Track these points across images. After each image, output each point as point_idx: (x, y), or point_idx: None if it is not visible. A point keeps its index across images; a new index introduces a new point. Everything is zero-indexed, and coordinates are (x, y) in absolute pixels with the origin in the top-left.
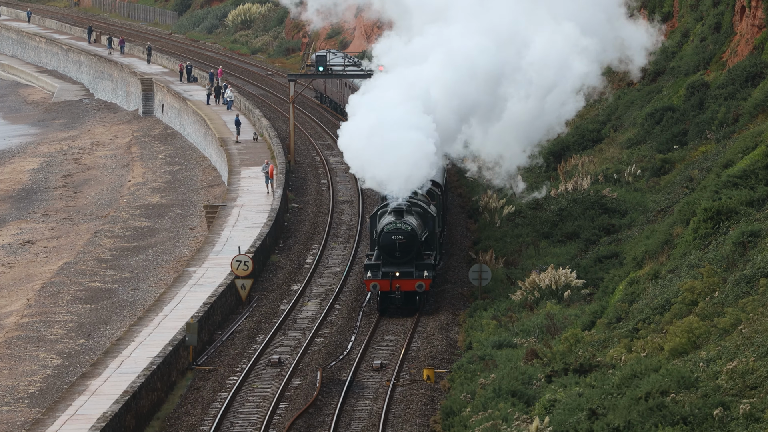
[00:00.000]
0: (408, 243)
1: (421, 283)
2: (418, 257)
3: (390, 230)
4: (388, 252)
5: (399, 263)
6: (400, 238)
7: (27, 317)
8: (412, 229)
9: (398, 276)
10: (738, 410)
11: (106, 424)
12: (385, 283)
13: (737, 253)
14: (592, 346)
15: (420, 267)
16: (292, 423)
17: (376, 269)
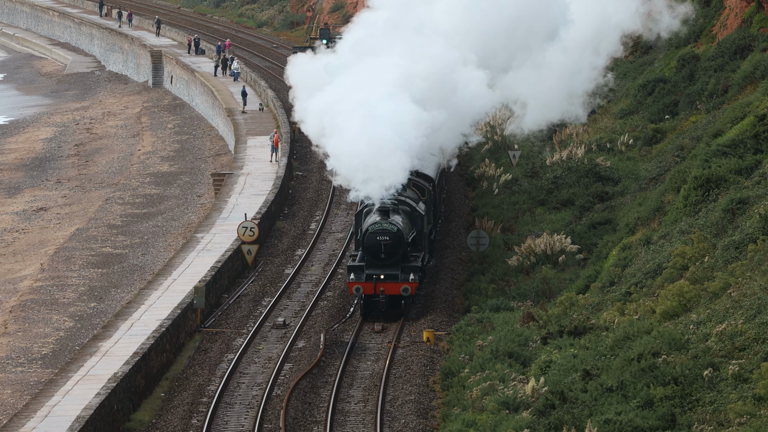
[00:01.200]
0: (394, 244)
1: (407, 286)
2: (404, 259)
3: (375, 230)
4: (372, 253)
5: (384, 265)
6: (386, 239)
7: (40, 281)
8: (398, 230)
9: (383, 279)
10: (727, 371)
11: (116, 384)
12: (369, 286)
13: (726, 220)
14: (586, 309)
15: (406, 269)
16: (297, 383)
17: (360, 271)
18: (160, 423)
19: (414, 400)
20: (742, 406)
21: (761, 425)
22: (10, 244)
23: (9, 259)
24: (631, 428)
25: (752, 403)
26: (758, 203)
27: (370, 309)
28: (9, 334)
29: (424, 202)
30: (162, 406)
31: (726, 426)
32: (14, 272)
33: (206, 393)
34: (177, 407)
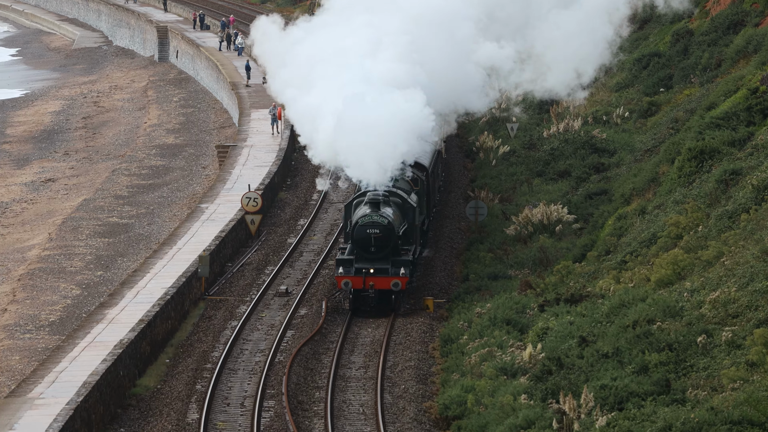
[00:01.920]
0: (384, 237)
1: (398, 281)
2: (395, 253)
3: (365, 223)
4: (362, 246)
5: (374, 259)
6: (376, 231)
7: (48, 250)
8: (389, 223)
9: (372, 273)
10: (720, 338)
11: (122, 351)
12: (358, 281)
13: (720, 190)
14: (583, 277)
15: (396, 264)
16: (299, 349)
17: (349, 265)
18: (165, 388)
19: (414, 366)
20: (735, 371)
21: (754, 390)
22: (19, 214)
23: (18, 228)
24: (627, 393)
25: (745, 368)
26: (751, 174)
27: (359, 304)
28: (17, 301)
29: (417, 193)
30: (167, 372)
31: (719, 391)
32: (23, 241)
33: (210, 359)
34: (181, 373)
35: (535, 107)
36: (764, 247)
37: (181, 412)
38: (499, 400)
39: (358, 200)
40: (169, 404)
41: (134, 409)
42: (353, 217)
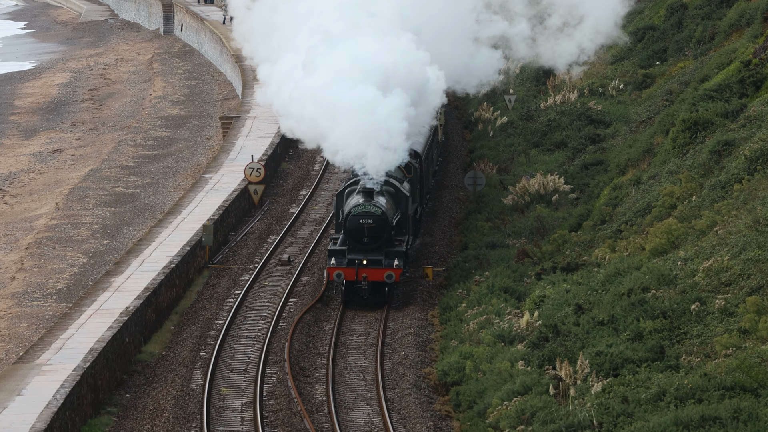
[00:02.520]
0: (378, 228)
1: (391, 273)
2: (389, 243)
3: (358, 213)
4: (355, 237)
5: (367, 250)
6: (369, 222)
7: (56, 219)
8: (382, 213)
9: (365, 264)
10: (713, 305)
11: (128, 318)
12: (351, 272)
13: (713, 161)
14: (579, 246)
15: (390, 255)
16: (301, 317)
17: (341, 256)
18: (170, 355)
19: (413, 333)
20: (728, 338)
21: (746, 357)
22: (27, 184)
23: (26, 198)
24: (622, 360)
25: (738, 335)
26: (743, 145)
27: (352, 295)
28: (25, 270)
29: (410, 181)
30: (172, 339)
31: (712, 358)
32: (30, 211)
33: (214, 326)
34: (186, 340)
35: (532, 79)
36: (756, 217)
37: (185, 378)
38: (496, 367)
39: (350, 189)
40: (174, 370)
41: (140, 375)
42: (345, 207)
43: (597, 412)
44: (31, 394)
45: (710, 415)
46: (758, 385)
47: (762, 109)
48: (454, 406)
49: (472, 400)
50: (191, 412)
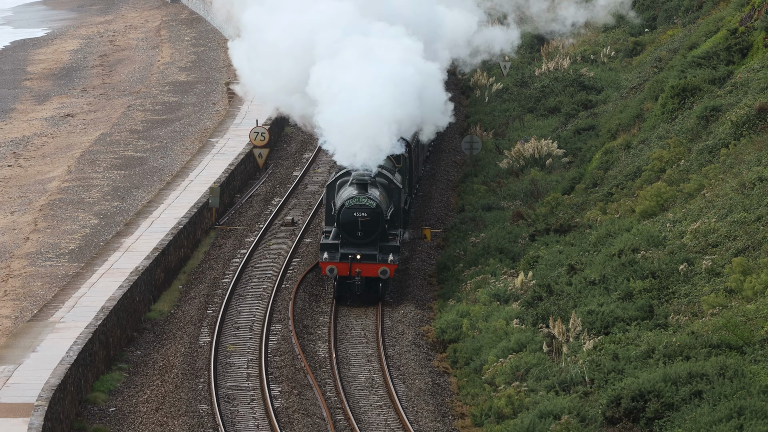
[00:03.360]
0: (372, 221)
1: (386, 268)
2: (383, 238)
3: (352, 206)
4: (348, 231)
5: (360, 244)
6: (363, 215)
7: (68, 182)
8: (377, 206)
9: (359, 259)
10: (701, 266)
11: (138, 278)
12: (344, 267)
13: (700, 126)
14: (571, 208)
15: (384, 250)
16: (304, 276)
17: (334, 250)
18: (178, 313)
19: (412, 292)
20: (715, 298)
21: (732, 316)
22: (40, 147)
23: (39, 161)
24: (612, 318)
25: (724, 295)
26: (730, 111)
27: (345, 291)
28: (39, 230)
29: (400, 171)
30: (180, 298)
31: (699, 316)
32: (43, 174)
33: (221, 285)
34: (194, 299)
35: (526, 46)
36: (742, 180)
37: (193, 335)
38: (492, 325)
39: (342, 180)
40: (182, 328)
41: (149, 332)
42: (338, 199)
43: (588, 369)
44: (45, 351)
45: (697, 371)
46: (743, 343)
47: (748, 76)
48: (452, 362)
49: (469, 357)
50: (199, 368)
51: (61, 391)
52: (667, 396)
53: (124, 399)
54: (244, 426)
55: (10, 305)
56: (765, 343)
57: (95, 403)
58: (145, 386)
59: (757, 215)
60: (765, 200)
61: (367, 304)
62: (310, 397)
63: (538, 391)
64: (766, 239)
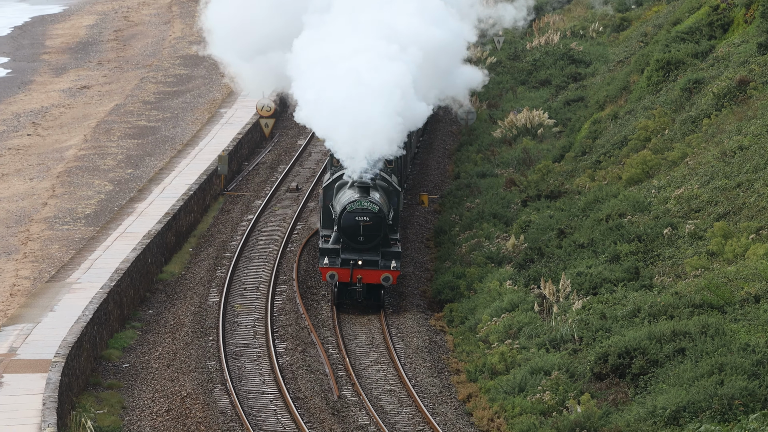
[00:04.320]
0: (374, 226)
1: (388, 275)
2: (384, 243)
3: (353, 210)
4: (349, 235)
5: (362, 249)
6: (365, 219)
7: (84, 150)
8: (379, 210)
9: (361, 265)
10: (684, 230)
11: (150, 241)
12: (345, 273)
13: (684, 97)
14: (561, 175)
15: (387, 255)
16: (308, 240)
17: (335, 255)
18: (189, 274)
19: (410, 255)
20: (697, 260)
21: (713, 277)
22: (58, 117)
23: (56, 131)
24: (600, 279)
25: (706, 257)
26: (712, 83)
27: (345, 297)
28: (57, 196)
29: (392, 171)
30: (190, 260)
31: (683, 278)
32: (61, 142)
33: (229, 248)
34: (203, 261)
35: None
36: (723, 149)
37: (203, 295)
38: (486, 286)
39: (342, 182)
40: (192, 288)
41: (161, 292)
42: (337, 202)
43: (577, 327)
44: (63, 310)
45: (680, 330)
46: (724, 302)
47: (729, 50)
48: (448, 321)
49: (464, 316)
50: (208, 326)
51: (78, 348)
52: (652, 353)
53: (137, 356)
54: (251, 381)
55: (29, 267)
56: (745, 303)
57: (110, 360)
58: (157, 344)
59: (737, 182)
60: (745, 168)
61: (368, 311)
62: (314, 354)
63: (529, 349)
64: (746, 205)
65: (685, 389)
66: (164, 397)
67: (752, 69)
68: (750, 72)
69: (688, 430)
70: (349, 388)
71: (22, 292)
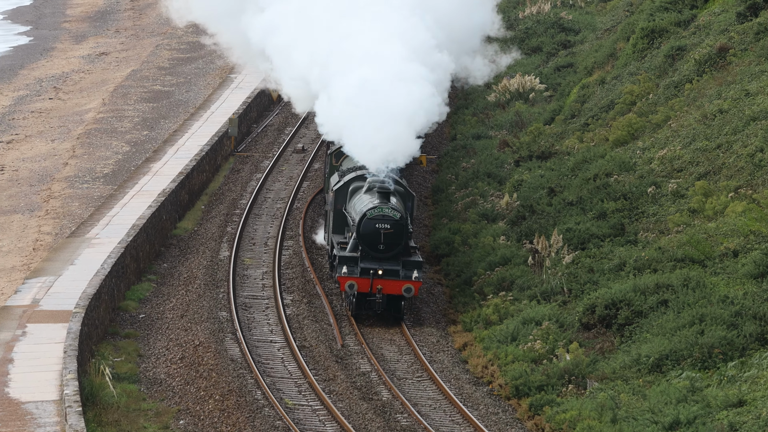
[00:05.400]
0: (395, 234)
1: (410, 286)
2: (405, 252)
3: (374, 216)
4: (369, 243)
5: (382, 258)
6: (386, 227)
7: (102, 113)
8: (401, 217)
9: (381, 275)
10: (667, 188)
11: (165, 198)
12: (365, 283)
13: (667, 64)
14: (552, 137)
15: (408, 265)
16: (313, 198)
17: (353, 264)
18: (201, 230)
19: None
20: (679, 217)
21: (694, 233)
22: (78, 82)
23: (76, 95)
24: (588, 235)
25: (687, 214)
26: (693, 50)
27: (364, 308)
28: (77, 156)
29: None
30: (202, 217)
31: (666, 233)
32: (81, 106)
33: (239, 206)
34: (215, 217)
35: None
36: (704, 112)
37: (214, 250)
38: (481, 241)
39: (357, 185)
40: (205, 243)
41: (175, 247)
42: (352, 206)
43: (567, 280)
44: (83, 264)
45: (663, 282)
46: (704, 257)
47: (710, 19)
48: (444, 275)
49: (460, 269)
50: (219, 279)
51: (97, 299)
52: (637, 304)
53: (152, 307)
54: (260, 331)
55: (51, 223)
56: (724, 257)
57: (127, 311)
58: (171, 295)
59: (717, 143)
60: (724, 130)
61: (387, 324)
62: (319, 305)
63: (521, 300)
64: (725, 165)
65: (667, 338)
66: (178, 345)
67: (732, 37)
68: (729, 39)
69: (670, 376)
70: (352, 338)
71: (44, 246)
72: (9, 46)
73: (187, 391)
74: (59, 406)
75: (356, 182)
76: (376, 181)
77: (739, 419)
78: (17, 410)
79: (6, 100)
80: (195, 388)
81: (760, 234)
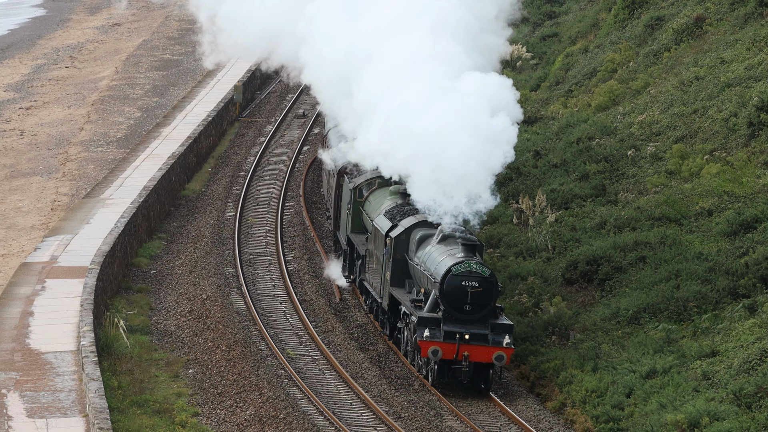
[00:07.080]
0: (484, 293)
1: (502, 353)
2: (492, 314)
3: (460, 272)
4: (453, 303)
5: (467, 321)
6: (474, 285)
7: (115, 81)
8: (491, 274)
9: (468, 340)
10: (646, 151)
11: (174, 161)
12: (450, 349)
13: (647, 33)
14: (537, 103)
15: (497, 329)
16: (313, 161)
17: (435, 326)
18: (208, 191)
19: None
20: (657, 178)
21: (671, 194)
22: (92, 51)
23: (91, 63)
24: (571, 195)
25: (665, 176)
26: (672, 20)
27: (446, 377)
28: (92, 122)
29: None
30: (209, 179)
31: (644, 194)
32: (95, 74)
33: (243, 168)
34: (221, 179)
35: None
36: (682, 79)
37: (220, 209)
38: None
39: (424, 233)
40: (211, 203)
41: (183, 207)
42: (428, 257)
43: (551, 238)
44: (97, 223)
45: (642, 240)
46: (681, 216)
47: None
48: None
49: None
50: (225, 237)
51: (111, 256)
52: (616, 260)
53: (162, 263)
54: (263, 285)
55: (67, 185)
56: (699, 216)
57: (139, 267)
58: (181, 252)
59: (693, 108)
60: (700, 96)
61: (473, 395)
62: (318, 262)
63: (508, 257)
64: (701, 129)
65: (645, 293)
66: (187, 299)
67: (708, 7)
68: (706, 10)
69: (647, 328)
70: (350, 292)
71: (61, 207)
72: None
73: (196, 342)
74: (76, 356)
75: (419, 229)
76: (456, 230)
77: (712, 368)
78: (37, 360)
79: (25, 69)
80: (203, 339)
81: (733, 194)
